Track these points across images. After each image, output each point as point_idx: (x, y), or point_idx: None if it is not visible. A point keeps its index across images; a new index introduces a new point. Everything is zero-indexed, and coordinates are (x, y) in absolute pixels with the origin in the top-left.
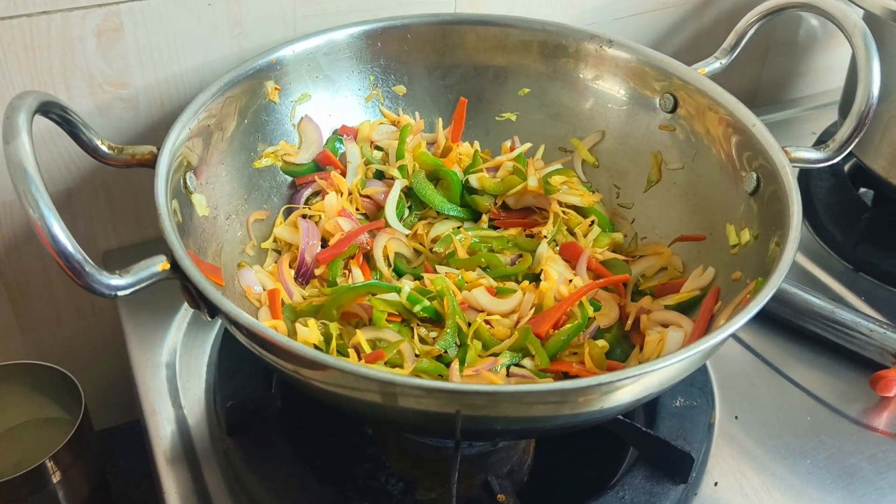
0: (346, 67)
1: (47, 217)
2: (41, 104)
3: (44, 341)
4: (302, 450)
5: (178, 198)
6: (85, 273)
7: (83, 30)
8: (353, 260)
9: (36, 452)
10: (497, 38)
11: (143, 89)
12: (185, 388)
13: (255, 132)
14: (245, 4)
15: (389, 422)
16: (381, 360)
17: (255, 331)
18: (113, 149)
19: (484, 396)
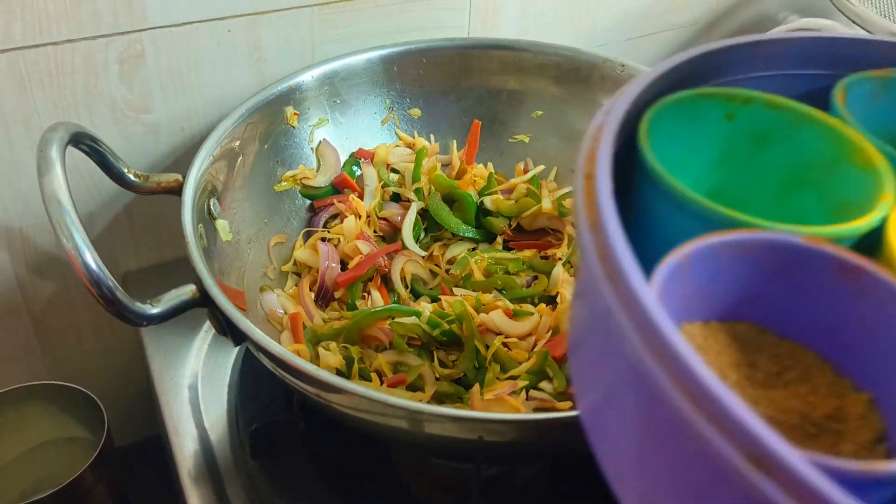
0: (363, 92)
1: (81, 248)
2: (73, 136)
3: (65, 361)
4: (324, 471)
5: (203, 223)
6: (118, 302)
7: (106, 57)
8: (371, 282)
9: (57, 472)
10: (511, 61)
11: (164, 114)
12: (208, 408)
13: (275, 157)
14: (264, 31)
15: (413, 445)
16: (402, 384)
17: (284, 360)
18: (139, 177)
19: (507, 424)
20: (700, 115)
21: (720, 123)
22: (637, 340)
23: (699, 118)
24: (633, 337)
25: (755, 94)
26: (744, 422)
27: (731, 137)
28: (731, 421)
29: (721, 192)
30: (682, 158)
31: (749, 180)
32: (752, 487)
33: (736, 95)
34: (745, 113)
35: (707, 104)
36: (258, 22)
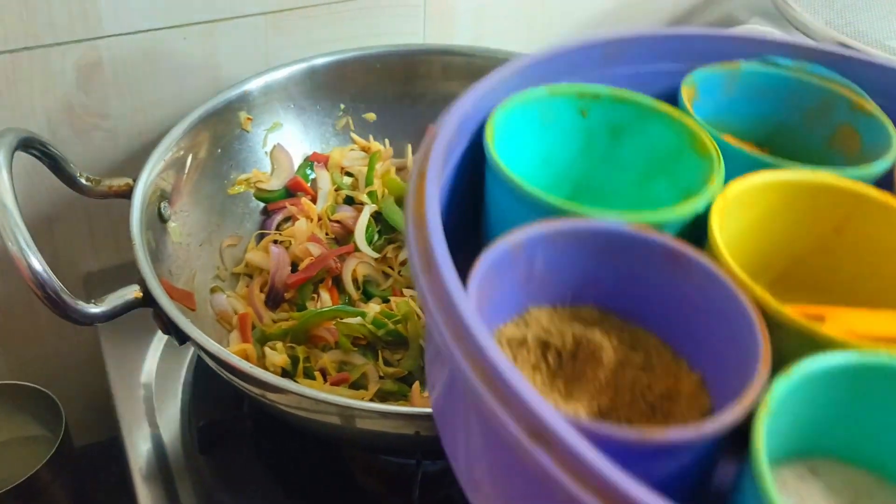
0: (317, 97)
1: (25, 251)
2: (21, 140)
3: (24, 361)
4: (272, 467)
5: (153, 226)
6: (61, 302)
7: (63, 64)
8: (322, 284)
9: (17, 470)
10: (461, 67)
11: (121, 120)
12: (161, 407)
13: (229, 160)
14: (219, 38)
15: (353, 443)
16: (345, 382)
17: (221, 358)
18: (91, 181)
19: None
20: (554, 112)
21: (575, 119)
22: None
23: (554, 116)
24: (437, 318)
25: (603, 89)
26: (522, 396)
27: (587, 132)
28: (513, 396)
29: (586, 184)
30: (543, 155)
31: (610, 171)
32: (534, 462)
33: (585, 92)
34: (597, 108)
35: (559, 102)
36: (213, 30)
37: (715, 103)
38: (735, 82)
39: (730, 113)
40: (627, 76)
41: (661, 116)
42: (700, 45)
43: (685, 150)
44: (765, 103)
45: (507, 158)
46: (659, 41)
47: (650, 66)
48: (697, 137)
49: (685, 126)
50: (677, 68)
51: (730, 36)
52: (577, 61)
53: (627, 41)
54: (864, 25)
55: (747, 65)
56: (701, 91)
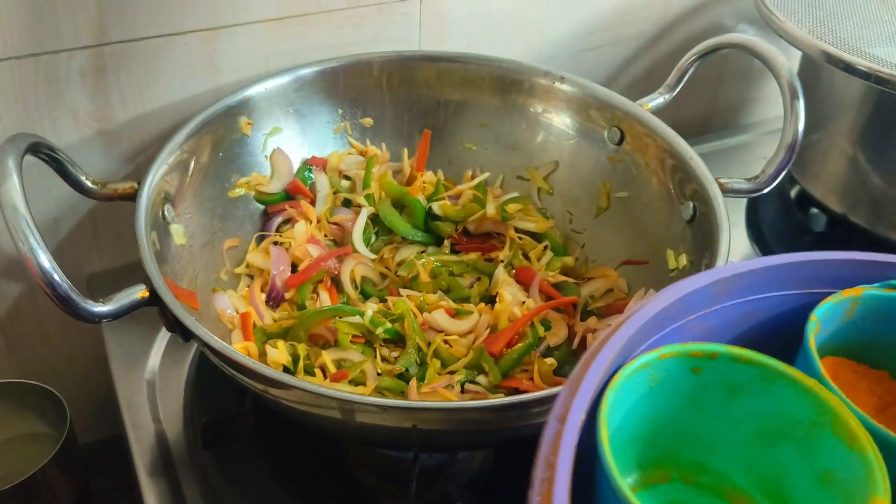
0: (316, 102)
1: (36, 251)
2: (30, 145)
3: (30, 360)
4: (273, 462)
5: (157, 228)
6: (70, 301)
7: (68, 70)
8: (321, 284)
9: (22, 467)
10: (456, 73)
11: (124, 124)
12: (165, 404)
13: (229, 164)
14: (220, 45)
15: (353, 437)
16: (344, 379)
17: (224, 353)
18: (97, 184)
19: (436, 412)
20: (664, 372)
21: (686, 377)
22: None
23: (662, 375)
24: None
25: (720, 348)
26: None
27: (699, 388)
28: None
29: (693, 438)
30: (647, 410)
31: (723, 430)
32: None
33: (699, 352)
34: (712, 367)
35: (670, 363)
36: (214, 37)
37: (833, 329)
38: (856, 307)
39: (848, 336)
40: (735, 307)
41: (790, 382)
42: (816, 271)
43: (823, 428)
44: (886, 328)
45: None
46: (770, 272)
47: (760, 296)
48: (840, 418)
49: (822, 399)
50: (791, 294)
51: (848, 259)
52: (682, 308)
53: (737, 277)
54: (845, 34)
55: (870, 290)
56: (822, 323)
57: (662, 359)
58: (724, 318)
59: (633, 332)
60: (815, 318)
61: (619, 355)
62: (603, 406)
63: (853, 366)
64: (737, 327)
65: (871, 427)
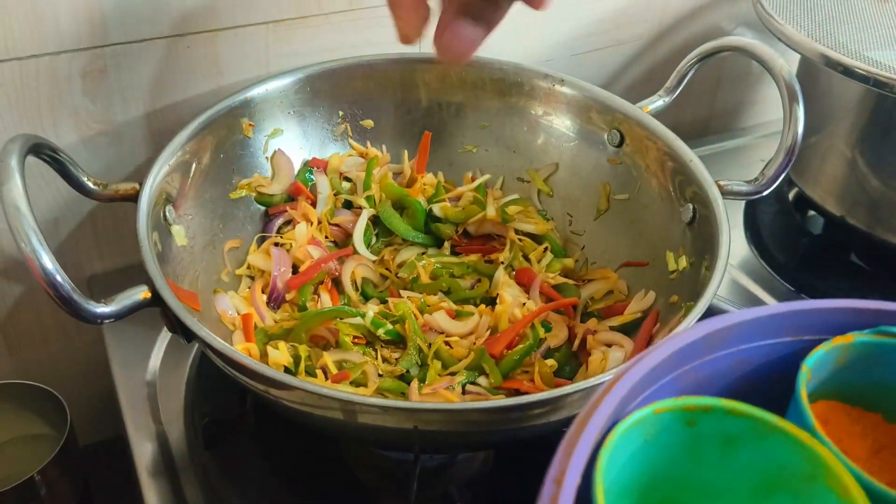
0: (317, 103)
1: (38, 252)
2: (32, 146)
3: (30, 361)
4: (275, 463)
5: (159, 229)
6: (73, 302)
7: (70, 71)
8: (322, 285)
9: (23, 468)
10: (456, 76)
11: (125, 126)
12: (166, 405)
13: (231, 165)
14: (221, 46)
15: (354, 437)
16: (346, 380)
17: (226, 354)
18: (98, 185)
19: (438, 413)
20: (659, 426)
21: (682, 430)
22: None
23: (659, 429)
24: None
25: (714, 402)
26: None
27: (694, 440)
28: None
29: (690, 489)
30: (643, 464)
31: (720, 480)
32: None
33: (693, 406)
34: (707, 420)
35: (664, 417)
36: (216, 38)
37: (825, 374)
38: (847, 354)
39: (840, 380)
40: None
41: (783, 435)
42: (808, 320)
43: (817, 479)
44: (879, 372)
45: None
46: (763, 322)
47: (754, 344)
48: (833, 471)
49: (815, 452)
50: (784, 341)
51: (840, 307)
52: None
53: (732, 328)
54: (844, 37)
55: (860, 336)
56: (813, 371)
57: (657, 413)
58: (717, 368)
59: (629, 389)
60: (806, 367)
61: (614, 412)
62: (599, 465)
63: (847, 409)
64: (730, 375)
65: (863, 481)
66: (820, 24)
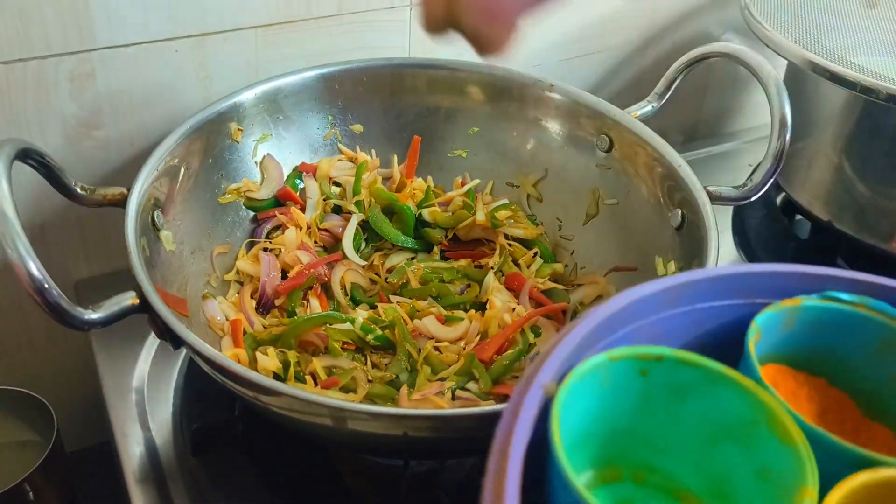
0: (306, 108)
1: (25, 258)
2: (19, 151)
3: (17, 367)
4: (264, 469)
5: (147, 234)
6: (60, 309)
7: (57, 75)
8: (311, 291)
9: (8, 475)
10: (446, 80)
11: (113, 130)
12: (154, 411)
13: (219, 170)
14: (210, 51)
15: (343, 444)
16: (335, 386)
17: (215, 361)
18: (86, 190)
19: (427, 419)
20: (613, 374)
21: (634, 378)
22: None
23: (613, 377)
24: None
25: (666, 351)
26: None
27: (647, 390)
28: None
29: (643, 439)
30: (599, 411)
31: (671, 431)
32: None
33: (647, 354)
34: (659, 369)
35: (619, 365)
36: (204, 43)
37: (774, 338)
38: (795, 317)
39: (788, 345)
40: (684, 314)
41: (730, 384)
42: (759, 282)
43: (761, 425)
44: (825, 337)
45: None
46: (716, 282)
47: (707, 304)
48: (776, 416)
49: (759, 399)
50: (736, 303)
51: (790, 272)
52: (632, 312)
53: (685, 286)
54: (830, 43)
55: (808, 300)
56: (763, 331)
57: (612, 360)
58: (671, 325)
59: (585, 333)
60: (755, 325)
61: (572, 355)
62: (555, 403)
63: (793, 373)
64: (684, 334)
65: (804, 425)
66: (807, 30)
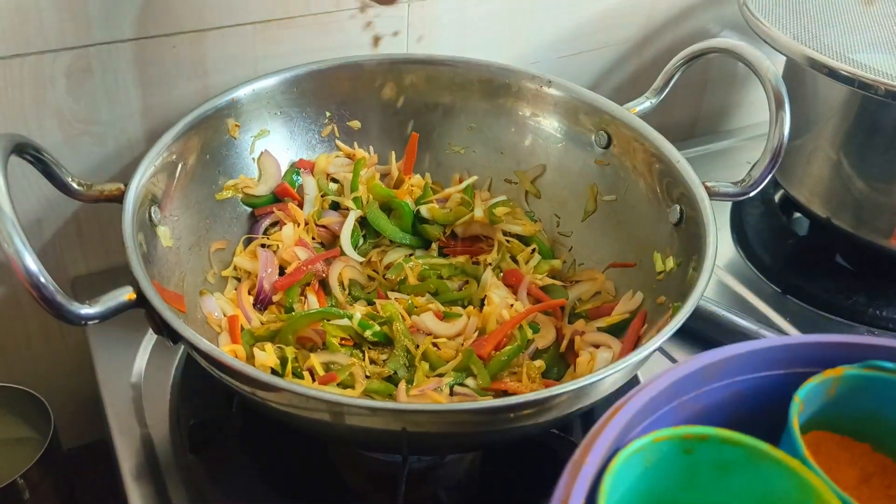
0: (304, 104)
1: (21, 252)
2: (16, 146)
3: (14, 364)
4: (261, 465)
5: (144, 230)
6: (57, 303)
7: (53, 71)
8: (309, 287)
9: (6, 472)
10: (445, 77)
11: (110, 126)
12: (151, 408)
13: (217, 166)
14: (208, 47)
15: (341, 439)
16: (333, 381)
17: (213, 356)
18: (82, 185)
19: (426, 414)
20: (659, 454)
21: (679, 457)
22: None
23: (658, 457)
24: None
25: (710, 431)
26: None
27: (692, 467)
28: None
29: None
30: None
31: (714, 501)
32: None
33: (691, 435)
34: (703, 448)
35: (663, 445)
36: (202, 38)
37: (816, 406)
38: (837, 386)
39: (831, 411)
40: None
41: (775, 463)
42: (799, 353)
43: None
44: (868, 403)
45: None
46: (757, 355)
47: (748, 376)
48: (821, 497)
49: (804, 479)
50: (776, 374)
51: (831, 342)
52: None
53: (726, 361)
54: (828, 39)
55: (850, 370)
56: (805, 403)
57: (656, 442)
58: (712, 399)
59: (630, 417)
60: (798, 398)
61: (616, 439)
62: (601, 490)
63: (836, 439)
64: (725, 407)
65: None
66: (805, 26)
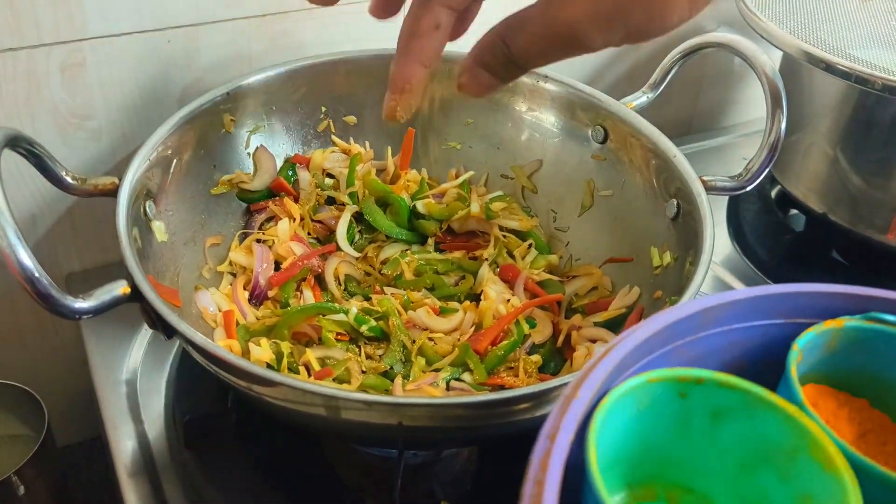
0: (299, 99)
1: (15, 246)
2: (9, 139)
3: (7, 360)
4: (257, 461)
5: (139, 225)
6: (50, 297)
7: (48, 65)
8: (304, 282)
9: (0, 468)
10: (440, 71)
11: (105, 120)
12: (146, 404)
13: (212, 161)
14: (203, 41)
15: (338, 434)
16: (329, 377)
17: (208, 350)
18: (77, 179)
19: (422, 408)
20: (652, 396)
21: (673, 400)
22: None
23: (650, 399)
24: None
25: (706, 374)
26: None
27: (685, 412)
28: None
29: (679, 461)
30: (635, 432)
31: (708, 453)
32: None
33: (686, 377)
34: (698, 392)
35: (657, 387)
36: (197, 33)
37: (815, 358)
38: (838, 338)
39: (829, 365)
40: (722, 335)
41: (772, 408)
42: (799, 302)
43: (801, 451)
44: (867, 358)
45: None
46: (756, 302)
47: (746, 324)
48: (818, 442)
49: (801, 425)
50: (775, 323)
51: (832, 292)
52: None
53: (724, 306)
54: (826, 35)
55: (851, 321)
56: (804, 353)
57: (650, 382)
58: (710, 346)
59: (623, 355)
60: (797, 347)
61: (608, 378)
62: (592, 426)
63: (834, 394)
64: (722, 354)
65: (848, 453)
66: (802, 21)
